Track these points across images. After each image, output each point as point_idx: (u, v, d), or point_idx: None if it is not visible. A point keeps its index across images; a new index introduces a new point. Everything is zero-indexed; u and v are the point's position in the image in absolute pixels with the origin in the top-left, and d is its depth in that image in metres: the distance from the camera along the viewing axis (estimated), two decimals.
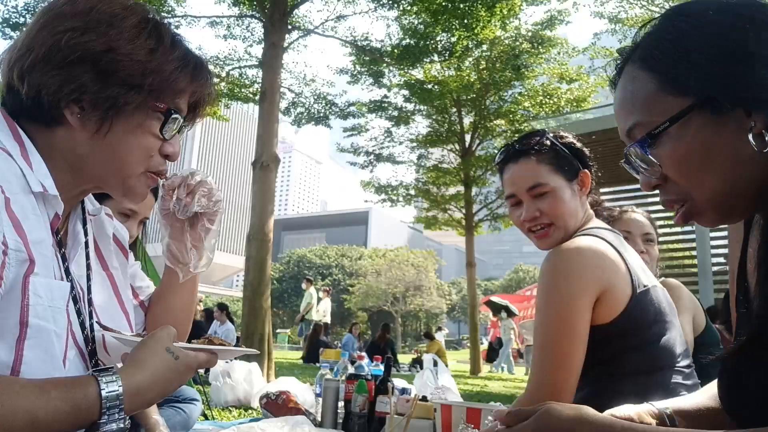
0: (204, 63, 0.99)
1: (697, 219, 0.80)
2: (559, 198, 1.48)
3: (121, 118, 0.90)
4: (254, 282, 7.41)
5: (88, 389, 0.77)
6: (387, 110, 14.69)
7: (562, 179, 1.50)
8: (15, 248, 0.78)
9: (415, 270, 52.57)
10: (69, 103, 0.87)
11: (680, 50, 0.75)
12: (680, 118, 0.73)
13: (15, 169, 0.83)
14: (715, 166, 0.73)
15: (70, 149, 0.90)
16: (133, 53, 0.88)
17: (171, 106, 0.94)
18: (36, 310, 0.81)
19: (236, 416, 3.75)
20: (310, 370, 9.23)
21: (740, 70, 0.70)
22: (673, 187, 0.79)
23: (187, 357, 0.87)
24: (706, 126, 0.73)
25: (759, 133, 0.69)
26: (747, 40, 0.70)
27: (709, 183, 0.75)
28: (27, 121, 0.89)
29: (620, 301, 1.35)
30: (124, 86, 0.88)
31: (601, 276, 1.34)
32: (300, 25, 10.59)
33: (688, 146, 0.74)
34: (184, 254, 1.14)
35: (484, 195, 15.52)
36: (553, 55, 13.48)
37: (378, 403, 2.28)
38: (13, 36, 9.79)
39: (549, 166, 1.50)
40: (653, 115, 0.76)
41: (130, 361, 0.84)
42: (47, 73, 0.85)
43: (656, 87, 0.76)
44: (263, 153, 7.70)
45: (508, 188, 1.56)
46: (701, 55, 0.73)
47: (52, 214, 0.88)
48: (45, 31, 0.87)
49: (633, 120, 0.79)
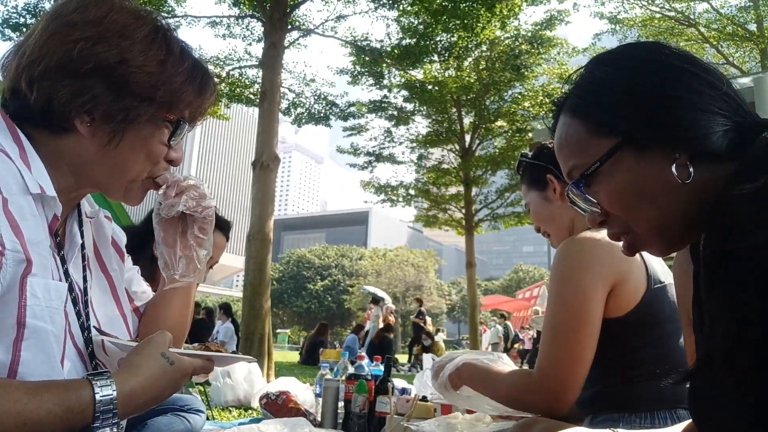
0: (210, 75, 1.00)
1: (643, 248, 0.85)
2: (536, 211, 1.61)
3: (132, 129, 0.91)
4: (254, 282, 7.41)
5: (81, 392, 0.76)
6: (387, 110, 14.70)
7: (534, 191, 1.61)
8: (12, 249, 0.78)
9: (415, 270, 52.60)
10: (80, 113, 0.88)
11: (602, 96, 0.81)
12: (609, 157, 0.79)
13: (13, 171, 0.83)
14: (648, 198, 0.78)
15: (76, 155, 0.91)
16: (145, 65, 0.89)
17: (180, 117, 0.95)
18: (33, 311, 0.81)
19: (236, 416, 3.75)
20: (310, 370, 9.23)
21: (658, 111, 0.76)
22: (615, 221, 0.83)
23: (182, 363, 0.86)
24: (634, 162, 0.78)
25: (683, 165, 0.75)
26: (662, 84, 0.77)
27: (646, 214, 0.79)
28: (30, 125, 0.89)
29: (635, 294, 1.33)
30: (136, 98, 0.89)
31: (615, 266, 1.32)
32: (300, 25, 10.59)
33: (621, 182, 0.79)
34: (173, 261, 1.12)
35: (484, 195, 15.53)
36: (553, 55, 13.49)
37: (378, 403, 2.28)
38: (12, 37, 9.79)
39: (526, 185, 1.64)
40: (587, 157, 0.82)
41: (125, 365, 0.84)
42: (59, 82, 0.85)
43: (585, 131, 0.82)
44: (263, 153, 7.71)
45: None
46: (620, 99, 0.79)
47: (50, 215, 0.88)
48: (56, 39, 0.87)
49: (571, 163, 0.85)
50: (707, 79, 0.77)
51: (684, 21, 14.63)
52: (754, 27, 14.11)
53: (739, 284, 0.64)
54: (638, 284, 1.34)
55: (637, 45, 0.85)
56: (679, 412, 1.27)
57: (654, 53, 0.80)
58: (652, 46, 0.82)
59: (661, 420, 1.27)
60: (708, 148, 0.74)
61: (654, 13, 14.81)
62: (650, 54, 0.81)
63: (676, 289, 1.00)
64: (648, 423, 1.27)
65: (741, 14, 14.19)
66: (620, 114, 0.79)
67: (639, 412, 1.30)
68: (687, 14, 14.64)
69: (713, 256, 0.70)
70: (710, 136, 0.74)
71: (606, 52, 0.86)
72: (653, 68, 0.79)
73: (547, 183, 1.56)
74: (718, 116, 0.75)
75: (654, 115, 0.76)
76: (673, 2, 14.46)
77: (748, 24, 14.24)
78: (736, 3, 14.30)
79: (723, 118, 0.75)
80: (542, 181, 1.58)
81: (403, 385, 3.02)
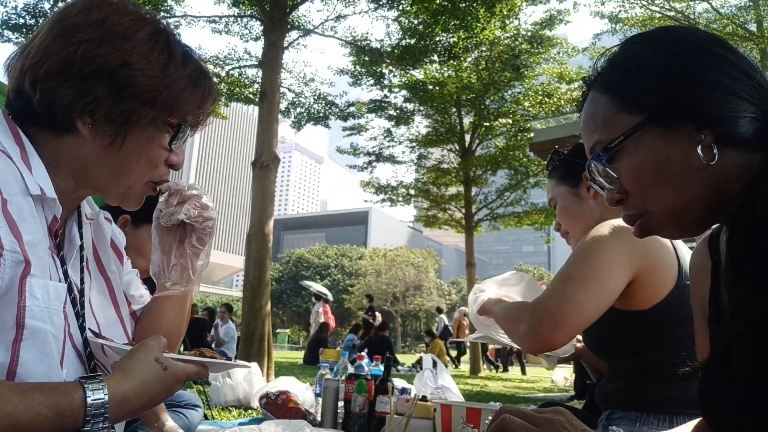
0: (212, 81, 1.00)
1: (656, 232, 0.85)
2: (563, 207, 1.59)
3: (133, 132, 0.91)
4: (254, 282, 7.40)
5: (73, 395, 0.76)
6: (387, 110, 14.69)
7: (565, 187, 1.59)
8: (10, 249, 0.78)
9: (415, 270, 52.59)
10: (82, 115, 0.88)
11: (632, 73, 0.82)
12: (633, 133, 0.80)
13: (14, 171, 0.83)
14: (668, 178, 0.79)
15: (76, 157, 0.91)
16: (147, 68, 0.89)
17: (181, 120, 0.95)
18: (32, 311, 0.81)
19: (236, 416, 3.75)
20: (310, 370, 9.23)
21: (687, 90, 0.77)
22: (632, 201, 0.84)
23: (175, 368, 0.86)
24: (658, 140, 0.79)
25: (708, 146, 0.75)
26: (693, 65, 0.78)
27: (664, 195, 0.80)
28: (32, 125, 0.90)
29: (663, 286, 1.31)
30: (138, 101, 0.89)
31: (646, 252, 1.30)
32: (300, 25, 10.59)
33: (642, 159, 0.80)
34: (166, 269, 1.11)
35: (484, 195, 15.51)
36: (553, 54, 13.48)
37: (378, 403, 2.28)
38: (12, 38, 9.79)
39: (555, 179, 1.62)
40: (611, 132, 0.83)
41: (119, 369, 0.84)
42: (62, 84, 0.86)
43: (613, 107, 0.83)
44: (263, 153, 7.70)
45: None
46: (651, 77, 0.80)
47: (50, 216, 0.88)
48: (60, 41, 0.87)
49: (595, 138, 0.86)
50: (739, 65, 0.77)
51: (684, 21, 14.62)
52: (754, 27, 14.10)
53: (764, 281, 0.64)
54: (668, 278, 1.31)
55: (672, 28, 0.86)
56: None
57: (688, 36, 0.81)
58: (688, 30, 0.83)
59: (679, 425, 1.26)
60: (734, 133, 0.75)
61: (654, 13, 14.79)
62: (684, 36, 0.82)
63: (692, 283, 0.99)
64: (666, 425, 1.25)
65: (741, 14, 14.18)
66: (648, 91, 0.80)
67: (657, 414, 1.28)
68: (687, 14, 14.63)
69: (740, 251, 0.70)
70: (737, 120, 0.75)
71: (641, 33, 0.87)
72: (685, 49, 0.80)
73: (581, 180, 1.55)
74: (746, 102, 0.75)
75: (682, 95, 0.77)
76: (673, 2, 14.45)
77: (747, 24, 14.23)
78: (736, 3, 14.29)
79: (752, 105, 0.75)
80: (576, 178, 1.56)
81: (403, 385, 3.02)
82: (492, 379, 12.05)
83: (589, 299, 1.26)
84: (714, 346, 0.85)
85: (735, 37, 14.12)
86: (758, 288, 0.65)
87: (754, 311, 0.65)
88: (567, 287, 1.28)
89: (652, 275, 1.30)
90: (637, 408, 1.31)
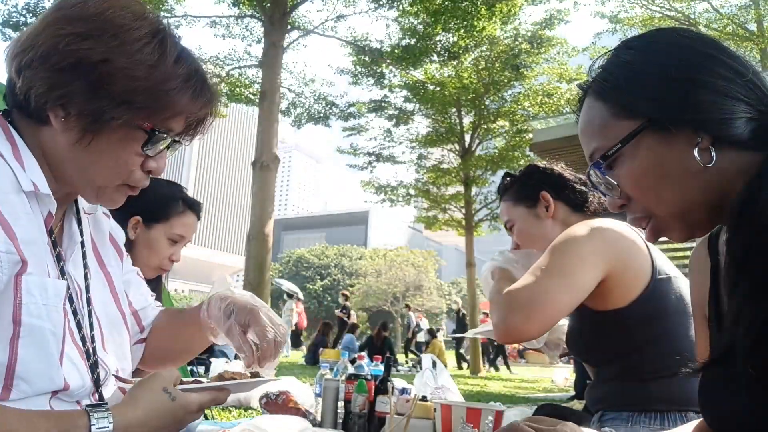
0: (208, 84, 0.95)
1: (665, 234, 0.85)
2: (522, 228, 1.60)
3: (104, 132, 0.87)
4: (254, 282, 7.41)
5: (77, 422, 0.76)
6: (387, 110, 14.69)
7: (522, 208, 1.61)
8: (5, 250, 0.78)
9: (415, 270, 52.56)
10: (55, 107, 0.86)
11: (626, 79, 0.82)
12: (631, 139, 0.80)
13: (6, 170, 0.82)
14: (669, 182, 0.79)
15: (53, 149, 0.89)
16: (128, 68, 0.85)
17: (158, 126, 0.90)
18: (29, 309, 0.81)
19: (236, 416, 3.75)
20: (310, 370, 9.23)
21: (681, 94, 0.77)
22: (636, 205, 0.84)
23: (185, 399, 0.84)
24: (656, 145, 0.79)
25: (706, 149, 0.75)
26: (686, 68, 0.78)
27: (667, 198, 0.80)
28: (19, 115, 0.89)
29: (637, 283, 1.32)
30: (113, 101, 0.85)
31: (615, 250, 1.31)
32: (300, 25, 10.59)
33: (642, 164, 0.80)
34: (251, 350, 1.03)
35: (484, 195, 15.51)
36: (553, 54, 13.48)
37: (378, 403, 2.28)
38: (13, 36, 9.79)
39: (511, 201, 1.64)
40: (609, 139, 0.83)
41: (126, 397, 0.83)
42: (39, 73, 0.84)
43: (609, 114, 0.83)
44: (263, 153, 7.71)
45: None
46: (645, 83, 0.80)
47: (45, 213, 0.88)
48: (48, 31, 0.86)
49: (593, 146, 0.86)
50: (732, 65, 0.77)
51: (684, 20, 14.62)
52: (754, 26, 14.10)
53: (765, 282, 0.65)
54: (640, 273, 1.33)
55: (664, 30, 0.85)
56: (689, 415, 1.26)
57: (680, 38, 0.81)
58: (679, 32, 0.83)
59: (671, 422, 1.26)
60: (730, 134, 0.75)
61: (654, 13, 14.80)
62: (676, 39, 0.82)
63: (691, 283, 0.99)
64: (657, 424, 1.27)
65: (741, 14, 14.19)
66: (644, 96, 0.80)
67: (648, 412, 1.29)
68: (687, 14, 14.63)
69: (741, 252, 0.70)
70: (733, 121, 0.75)
71: (633, 37, 0.87)
72: (678, 52, 0.80)
73: (538, 200, 1.56)
74: (741, 103, 0.75)
75: (677, 98, 0.77)
76: (674, 2, 14.46)
77: (748, 23, 14.24)
78: (736, 2, 14.29)
79: (747, 105, 0.75)
80: (532, 198, 1.58)
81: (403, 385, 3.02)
82: (492, 379, 12.05)
83: (561, 292, 1.27)
84: (714, 347, 0.85)
85: (735, 36, 14.12)
86: (760, 289, 0.65)
87: (756, 312, 0.65)
88: (540, 279, 1.29)
89: (625, 272, 1.32)
90: (628, 408, 1.32)
